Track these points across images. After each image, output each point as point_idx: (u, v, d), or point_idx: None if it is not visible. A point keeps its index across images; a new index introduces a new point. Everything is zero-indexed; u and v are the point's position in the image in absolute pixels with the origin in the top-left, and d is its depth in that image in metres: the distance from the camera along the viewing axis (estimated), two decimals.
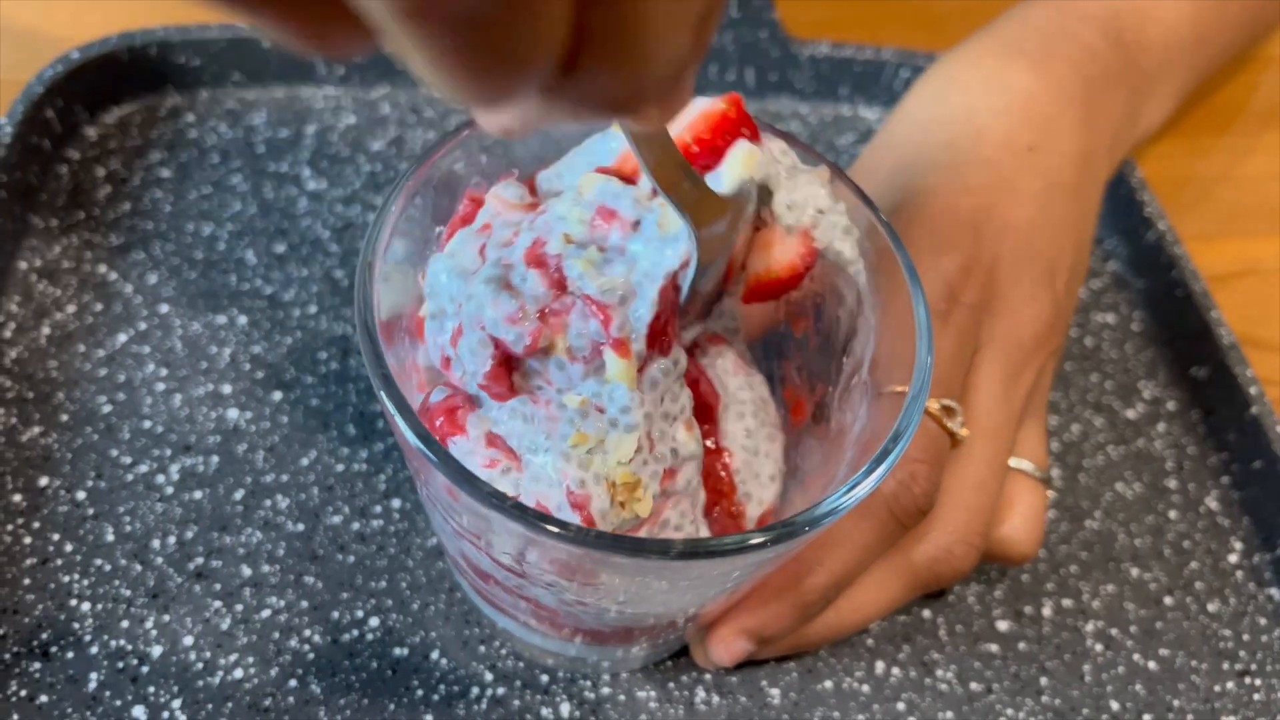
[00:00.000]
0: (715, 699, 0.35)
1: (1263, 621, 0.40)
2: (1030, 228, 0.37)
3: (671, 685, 0.35)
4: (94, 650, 0.33)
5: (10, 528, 0.35)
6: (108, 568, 0.35)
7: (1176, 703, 0.37)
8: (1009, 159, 0.38)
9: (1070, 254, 0.38)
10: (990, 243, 0.36)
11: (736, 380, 0.29)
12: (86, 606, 0.34)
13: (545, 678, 0.35)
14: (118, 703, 0.32)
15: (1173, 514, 0.42)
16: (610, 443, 0.25)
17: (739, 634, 0.32)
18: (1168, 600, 0.40)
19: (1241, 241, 0.53)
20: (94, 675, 0.33)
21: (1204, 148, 0.57)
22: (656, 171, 0.23)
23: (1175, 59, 0.46)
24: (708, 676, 0.35)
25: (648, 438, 0.25)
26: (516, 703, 0.34)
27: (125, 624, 0.34)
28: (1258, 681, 0.38)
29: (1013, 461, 0.36)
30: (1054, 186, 0.39)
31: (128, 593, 0.34)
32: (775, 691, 0.35)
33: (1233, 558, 0.41)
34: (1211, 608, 0.40)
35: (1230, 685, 0.38)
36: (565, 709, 0.34)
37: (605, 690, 0.35)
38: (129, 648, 0.33)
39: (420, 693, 0.34)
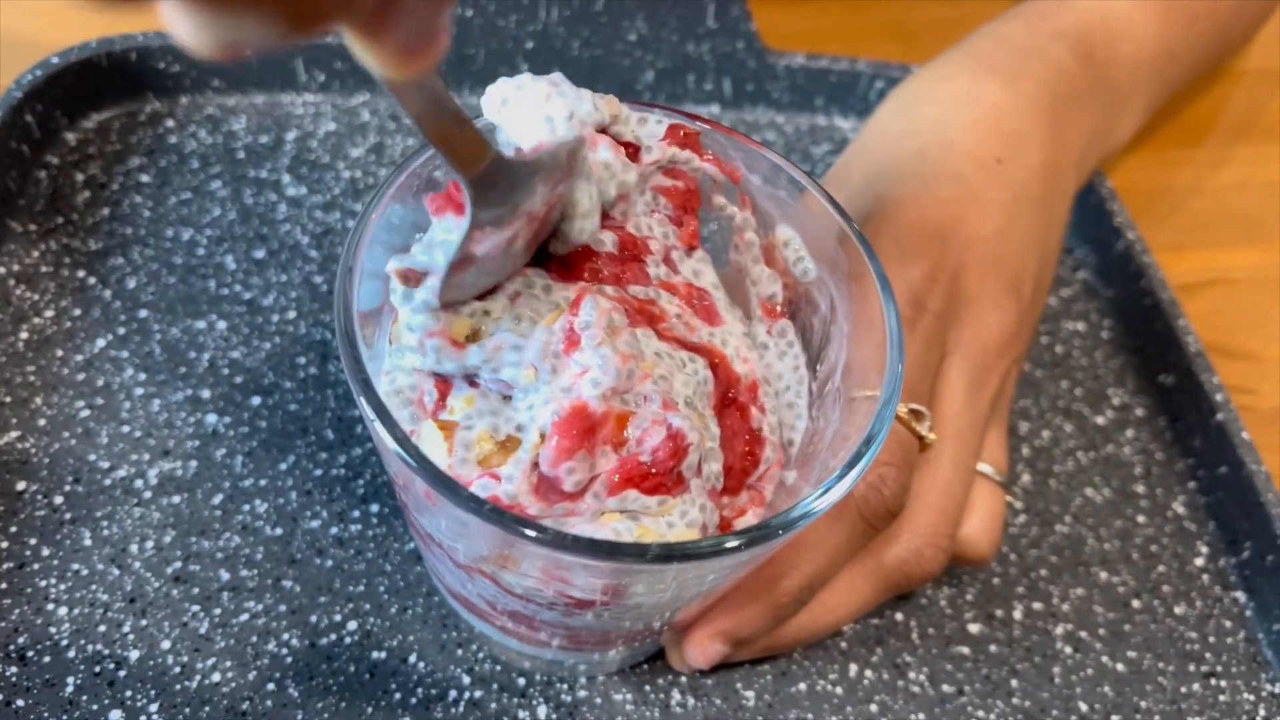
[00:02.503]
0: (691, 701, 0.35)
1: (1228, 624, 0.40)
2: (996, 238, 0.38)
3: (648, 688, 0.35)
4: (71, 654, 0.33)
5: None
6: (85, 572, 0.35)
7: (1144, 704, 0.38)
8: (977, 171, 0.39)
9: (1035, 264, 0.39)
10: (956, 252, 0.37)
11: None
12: (64, 611, 0.34)
13: (522, 681, 0.35)
14: (95, 707, 0.32)
15: (1141, 518, 0.43)
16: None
17: (714, 637, 0.32)
18: (1135, 603, 0.40)
19: (1209, 251, 0.54)
20: (71, 679, 0.33)
21: (1173, 159, 0.58)
22: (425, 125, 0.22)
23: (1144, 76, 0.47)
24: (683, 679, 0.36)
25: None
26: (493, 705, 0.34)
27: (103, 628, 0.34)
28: (1223, 683, 0.39)
29: None
30: (1020, 199, 0.39)
31: (105, 597, 0.34)
32: (750, 694, 0.36)
33: (1199, 561, 0.42)
34: (1178, 610, 0.40)
35: (1196, 687, 0.38)
36: (542, 712, 0.34)
37: (582, 693, 0.35)
38: (106, 652, 0.33)
39: (398, 696, 0.34)
